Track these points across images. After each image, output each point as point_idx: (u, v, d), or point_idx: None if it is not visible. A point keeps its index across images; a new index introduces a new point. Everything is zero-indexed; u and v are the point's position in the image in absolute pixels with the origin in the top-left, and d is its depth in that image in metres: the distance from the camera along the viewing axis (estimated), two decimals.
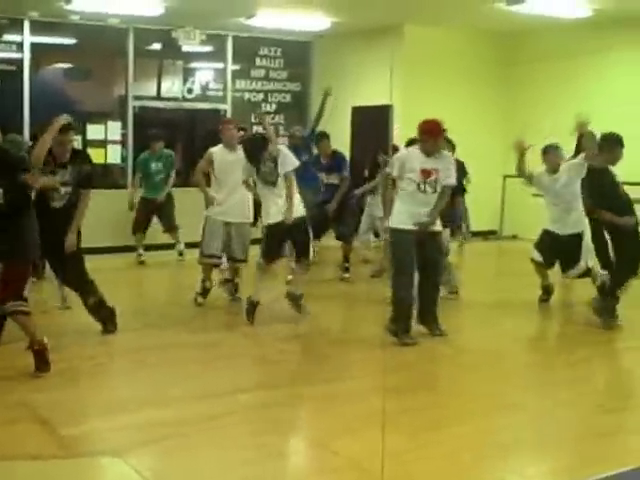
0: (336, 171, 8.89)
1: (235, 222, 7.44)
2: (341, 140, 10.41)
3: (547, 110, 11.72)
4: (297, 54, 13.19)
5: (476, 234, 12.12)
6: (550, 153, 7.24)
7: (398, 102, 11.07)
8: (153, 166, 10.29)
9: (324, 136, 9.14)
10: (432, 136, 6.18)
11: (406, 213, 6.21)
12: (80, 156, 6.29)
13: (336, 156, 9.05)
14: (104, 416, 4.64)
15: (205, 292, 7.57)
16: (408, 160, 6.26)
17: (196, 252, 7.68)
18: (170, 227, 10.39)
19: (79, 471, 4.05)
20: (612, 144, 6.82)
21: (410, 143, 8.85)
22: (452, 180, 6.31)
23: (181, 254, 10.33)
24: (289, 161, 6.82)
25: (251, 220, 7.63)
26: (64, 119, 5.72)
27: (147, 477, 3.87)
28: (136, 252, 10.24)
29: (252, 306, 6.80)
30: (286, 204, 6.72)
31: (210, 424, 4.55)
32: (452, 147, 8.06)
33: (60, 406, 4.80)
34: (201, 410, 4.77)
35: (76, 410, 4.83)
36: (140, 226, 10.29)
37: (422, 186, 6.18)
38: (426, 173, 6.18)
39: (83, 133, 11.43)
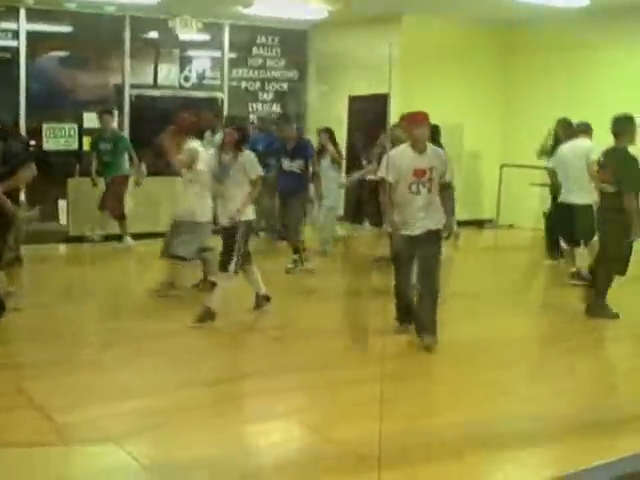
0: (300, 156, 8.42)
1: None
2: (338, 129, 10.38)
3: (545, 99, 11.71)
4: (294, 43, 13.15)
5: (472, 223, 12.11)
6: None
7: (396, 91, 11.04)
8: (102, 146, 9.88)
9: (288, 120, 8.93)
10: (416, 123, 5.87)
11: (402, 223, 5.95)
12: (4, 133, 5.85)
13: (301, 140, 8.72)
14: (101, 403, 4.64)
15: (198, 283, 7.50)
16: (400, 159, 5.89)
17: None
18: (116, 214, 9.74)
19: (76, 458, 4.06)
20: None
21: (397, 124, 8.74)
22: (448, 176, 6.17)
23: (122, 243, 9.71)
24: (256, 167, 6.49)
25: (193, 220, 7.03)
26: None
27: (144, 464, 3.89)
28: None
29: (260, 299, 6.83)
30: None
31: (206, 412, 4.55)
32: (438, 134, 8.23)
33: (56, 393, 4.80)
34: (197, 398, 4.78)
35: (72, 397, 4.83)
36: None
37: (414, 187, 5.86)
38: (420, 172, 5.86)
39: (79, 121, 11.44)
